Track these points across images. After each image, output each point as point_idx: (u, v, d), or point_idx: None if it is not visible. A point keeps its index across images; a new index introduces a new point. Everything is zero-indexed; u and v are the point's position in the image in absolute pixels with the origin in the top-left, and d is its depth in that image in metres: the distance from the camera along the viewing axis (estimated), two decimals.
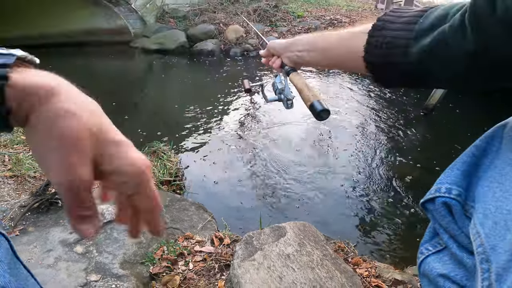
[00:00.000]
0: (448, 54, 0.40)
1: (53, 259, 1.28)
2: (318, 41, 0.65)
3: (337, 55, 0.61)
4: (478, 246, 0.34)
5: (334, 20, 8.79)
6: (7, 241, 0.49)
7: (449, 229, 0.42)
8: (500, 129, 0.42)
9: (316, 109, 0.61)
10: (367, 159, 2.84)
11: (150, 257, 1.41)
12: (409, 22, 0.48)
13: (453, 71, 0.42)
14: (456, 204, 0.40)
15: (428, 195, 0.44)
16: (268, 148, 3.01)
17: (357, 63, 0.55)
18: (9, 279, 0.44)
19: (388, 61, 0.50)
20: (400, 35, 0.48)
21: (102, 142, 0.31)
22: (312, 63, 0.70)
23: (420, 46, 0.44)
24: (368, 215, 2.13)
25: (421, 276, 0.47)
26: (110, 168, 0.31)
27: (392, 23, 0.50)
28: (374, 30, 0.52)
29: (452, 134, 3.35)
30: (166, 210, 1.81)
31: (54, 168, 0.29)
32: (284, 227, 1.49)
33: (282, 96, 0.85)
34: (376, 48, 0.51)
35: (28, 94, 0.28)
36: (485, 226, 0.34)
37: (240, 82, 5.19)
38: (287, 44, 0.74)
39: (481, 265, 0.33)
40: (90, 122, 0.30)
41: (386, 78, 0.55)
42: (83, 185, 0.30)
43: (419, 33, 0.45)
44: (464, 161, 0.43)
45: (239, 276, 1.23)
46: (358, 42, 0.54)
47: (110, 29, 8.81)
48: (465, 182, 0.41)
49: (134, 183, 0.32)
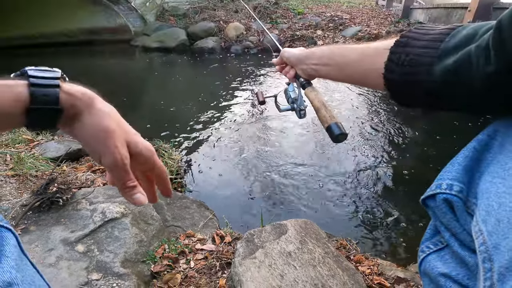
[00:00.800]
0: (471, 75, 0.39)
1: (54, 258, 1.28)
2: (336, 56, 0.62)
3: (357, 72, 0.58)
4: (481, 244, 0.33)
5: (335, 17, 8.74)
6: (15, 237, 0.50)
7: (451, 226, 0.40)
8: (503, 123, 0.40)
9: (333, 132, 0.61)
10: (368, 156, 2.83)
11: (151, 256, 1.41)
12: (435, 39, 0.46)
13: (474, 93, 0.40)
14: (458, 201, 0.39)
15: (428, 191, 0.43)
16: (269, 146, 3.00)
17: (378, 81, 0.53)
18: (15, 275, 0.45)
19: (410, 79, 0.48)
20: (425, 52, 0.46)
21: (126, 133, 0.44)
22: (327, 77, 0.67)
23: (444, 65, 0.43)
24: (370, 213, 2.12)
25: (422, 274, 0.46)
26: (136, 151, 0.44)
27: (417, 40, 0.48)
28: (397, 47, 0.50)
29: (454, 130, 3.33)
30: (168, 208, 1.81)
31: (106, 152, 0.41)
32: (285, 224, 1.48)
33: (295, 106, 0.84)
34: (398, 65, 0.49)
35: (76, 98, 0.39)
36: (488, 224, 0.33)
37: (240, 79, 5.18)
38: (301, 57, 0.72)
39: (483, 264, 0.32)
40: (117, 119, 0.43)
41: (406, 97, 0.52)
42: (127, 161, 0.42)
43: (445, 51, 0.43)
44: (465, 155, 0.41)
45: (240, 274, 1.23)
46: (382, 59, 0.52)
47: (110, 28, 8.82)
48: (466, 178, 0.40)
49: (150, 160, 0.47)
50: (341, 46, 0.62)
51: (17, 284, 0.45)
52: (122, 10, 8.22)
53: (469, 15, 5.16)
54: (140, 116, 3.77)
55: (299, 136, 3.19)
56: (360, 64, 0.57)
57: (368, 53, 0.56)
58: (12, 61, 7.11)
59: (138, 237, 1.44)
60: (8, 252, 0.46)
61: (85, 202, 1.57)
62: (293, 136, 3.21)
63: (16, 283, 0.44)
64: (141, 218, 1.56)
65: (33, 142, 2.45)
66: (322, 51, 0.66)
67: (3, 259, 0.45)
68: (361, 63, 0.57)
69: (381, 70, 0.52)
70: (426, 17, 7.29)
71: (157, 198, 0.53)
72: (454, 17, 5.97)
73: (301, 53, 0.73)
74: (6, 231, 0.49)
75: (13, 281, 0.44)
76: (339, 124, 0.62)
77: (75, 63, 7.13)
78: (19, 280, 0.45)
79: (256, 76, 5.49)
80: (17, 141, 2.39)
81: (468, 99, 0.42)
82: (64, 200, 1.51)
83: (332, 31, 8.01)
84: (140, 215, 1.57)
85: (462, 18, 5.50)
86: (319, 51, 0.67)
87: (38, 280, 0.52)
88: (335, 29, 8.07)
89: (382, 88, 0.54)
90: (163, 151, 2.45)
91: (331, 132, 0.62)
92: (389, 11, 9.95)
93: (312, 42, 7.32)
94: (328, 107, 0.67)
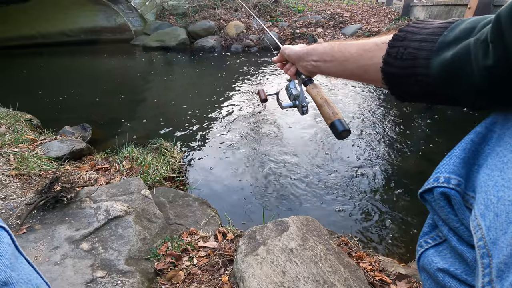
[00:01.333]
0: (469, 69, 0.39)
1: (59, 256, 1.30)
2: (335, 52, 0.62)
3: (357, 67, 0.58)
4: (479, 239, 0.32)
5: (335, 15, 8.72)
6: (9, 235, 0.50)
7: (449, 221, 0.40)
8: (501, 115, 0.40)
9: (337, 129, 0.61)
10: (370, 152, 2.84)
11: (155, 253, 1.42)
12: (433, 33, 0.46)
13: (473, 87, 0.40)
14: (456, 195, 0.38)
15: (426, 185, 0.42)
16: (270, 143, 3.01)
17: (377, 76, 0.53)
18: (10, 274, 0.45)
19: (408, 73, 0.48)
20: (423, 46, 0.46)
21: None
22: (328, 73, 0.67)
23: (442, 59, 0.43)
24: (371, 209, 2.13)
25: (420, 270, 0.45)
26: None
27: (414, 34, 0.48)
28: (395, 41, 0.50)
29: (457, 125, 3.33)
30: (170, 206, 1.83)
31: None
32: (287, 221, 1.49)
33: (297, 103, 0.84)
34: (396, 59, 0.49)
35: None
36: (486, 218, 0.32)
37: (240, 77, 5.19)
38: (301, 54, 0.72)
39: (481, 259, 0.32)
40: None
41: (404, 91, 0.52)
42: None
43: (442, 45, 0.43)
44: (463, 148, 0.41)
45: (242, 271, 1.24)
46: (380, 53, 0.52)
47: (110, 27, 8.82)
48: (464, 171, 0.39)
49: None
50: (341, 42, 0.62)
51: (12, 283, 0.44)
52: (122, 9, 8.21)
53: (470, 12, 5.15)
54: (141, 115, 3.78)
55: (300, 134, 3.20)
56: (359, 59, 0.57)
57: (367, 48, 0.56)
58: (12, 61, 7.12)
59: (142, 234, 1.46)
60: (2, 251, 0.46)
61: (89, 200, 1.58)
62: (295, 134, 3.22)
63: (11, 282, 0.44)
64: (144, 216, 1.57)
65: (36, 141, 2.47)
66: (322, 48, 0.66)
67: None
68: (360, 58, 0.57)
69: (380, 64, 0.52)
70: (426, 14, 7.28)
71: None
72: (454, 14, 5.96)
73: (302, 50, 0.73)
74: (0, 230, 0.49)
75: (8, 280, 0.44)
76: (343, 120, 0.62)
77: (75, 62, 7.14)
78: (15, 279, 0.45)
79: (257, 74, 5.49)
80: (20, 140, 2.40)
81: (467, 92, 0.41)
82: (68, 199, 1.53)
83: (332, 29, 7.99)
84: (143, 213, 1.58)
85: (463, 16, 5.49)
86: (319, 48, 0.67)
87: (35, 278, 0.52)
88: (335, 27, 8.05)
89: (381, 83, 0.54)
90: (165, 150, 2.46)
91: (335, 129, 0.62)
92: (389, 9, 9.92)
93: (313, 40, 7.32)
94: (330, 103, 0.67)
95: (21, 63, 6.95)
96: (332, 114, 0.64)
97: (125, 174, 2.08)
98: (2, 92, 4.32)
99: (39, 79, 5.66)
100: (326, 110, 0.66)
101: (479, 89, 0.39)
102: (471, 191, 0.38)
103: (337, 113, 0.64)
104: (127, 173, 2.09)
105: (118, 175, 2.06)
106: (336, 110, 0.65)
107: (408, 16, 8.35)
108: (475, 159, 0.40)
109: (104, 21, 8.77)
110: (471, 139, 0.41)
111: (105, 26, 8.84)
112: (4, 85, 5.13)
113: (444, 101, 0.47)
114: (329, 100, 0.68)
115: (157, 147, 2.49)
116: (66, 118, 3.48)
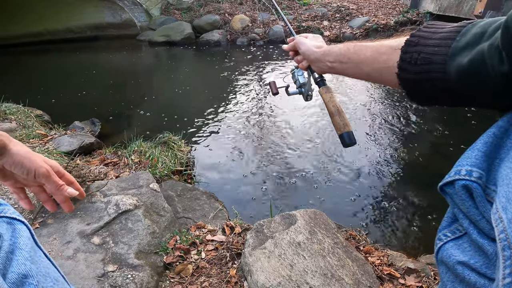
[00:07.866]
0: (487, 74, 0.40)
1: (72, 251, 1.32)
2: (351, 53, 0.63)
3: (373, 70, 0.59)
4: (500, 232, 0.32)
5: (341, 7, 8.58)
6: (28, 229, 0.51)
7: (470, 214, 0.40)
8: None
9: (345, 141, 0.67)
10: (380, 145, 2.81)
11: (164, 247, 1.44)
12: (446, 38, 0.47)
13: (492, 90, 0.41)
14: (477, 188, 0.38)
15: (447, 177, 0.42)
16: (278, 137, 3.01)
17: (393, 79, 0.54)
18: (30, 267, 0.46)
19: (425, 77, 0.49)
20: (437, 51, 0.47)
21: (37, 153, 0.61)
22: (344, 74, 0.69)
23: (457, 64, 0.43)
24: (379, 203, 2.12)
25: (438, 263, 0.46)
26: (49, 164, 0.61)
27: (427, 39, 0.49)
28: (408, 46, 0.51)
29: (468, 118, 3.27)
30: (178, 199, 1.84)
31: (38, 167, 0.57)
32: (294, 215, 1.49)
33: (303, 90, 0.88)
34: (410, 64, 0.50)
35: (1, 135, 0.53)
36: (508, 211, 0.32)
37: (246, 71, 5.16)
38: (318, 55, 0.73)
39: (503, 252, 0.32)
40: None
41: (422, 95, 0.53)
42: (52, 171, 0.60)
43: (456, 50, 0.44)
44: (485, 141, 0.41)
45: (250, 265, 1.25)
46: (395, 58, 0.53)
47: (116, 23, 8.83)
48: (486, 164, 0.40)
49: (60, 170, 0.64)
50: (356, 44, 0.63)
51: (32, 276, 0.45)
52: (127, 5, 8.21)
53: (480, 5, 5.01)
54: (148, 109, 3.80)
55: (308, 128, 3.18)
56: (374, 62, 0.58)
57: (382, 51, 0.57)
58: (21, 59, 7.20)
59: (151, 228, 1.47)
60: (22, 244, 0.47)
61: (99, 194, 1.60)
62: (303, 127, 3.20)
63: (31, 275, 0.45)
64: (153, 209, 1.59)
65: (46, 136, 2.50)
66: (338, 49, 0.67)
67: (17, 251, 0.46)
68: (375, 61, 0.58)
69: (395, 69, 0.53)
70: (436, 7, 7.10)
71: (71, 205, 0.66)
72: (464, 7, 5.80)
73: (319, 51, 0.74)
74: (19, 224, 0.50)
75: (28, 273, 0.45)
76: (351, 133, 0.67)
77: (82, 59, 7.18)
78: (34, 272, 0.46)
79: (263, 67, 5.45)
80: (31, 136, 2.44)
81: (486, 97, 0.42)
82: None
83: (338, 21, 7.87)
84: (152, 206, 1.60)
85: (473, 8, 5.35)
86: (335, 49, 0.68)
87: (53, 272, 0.53)
88: (342, 19, 7.92)
89: (398, 87, 0.55)
90: (172, 143, 2.47)
91: (343, 140, 0.68)
92: (397, 1, 9.72)
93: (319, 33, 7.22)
94: (342, 113, 0.70)
95: (30, 60, 7.02)
96: (343, 126, 0.68)
97: (134, 168, 2.10)
98: (12, 88, 4.38)
99: (47, 76, 5.72)
100: (337, 121, 0.69)
101: (499, 93, 0.40)
102: (492, 185, 0.38)
103: (347, 124, 0.68)
104: (136, 167, 2.10)
105: (127, 169, 2.09)
106: (347, 121, 0.69)
107: (417, 8, 8.15)
108: (496, 152, 0.40)
109: (109, 17, 8.78)
110: (493, 133, 0.41)
111: (110, 22, 8.85)
112: (14, 82, 5.21)
113: (459, 103, 0.49)
114: (340, 109, 0.71)
115: (165, 140, 2.51)
116: (75, 113, 3.52)
